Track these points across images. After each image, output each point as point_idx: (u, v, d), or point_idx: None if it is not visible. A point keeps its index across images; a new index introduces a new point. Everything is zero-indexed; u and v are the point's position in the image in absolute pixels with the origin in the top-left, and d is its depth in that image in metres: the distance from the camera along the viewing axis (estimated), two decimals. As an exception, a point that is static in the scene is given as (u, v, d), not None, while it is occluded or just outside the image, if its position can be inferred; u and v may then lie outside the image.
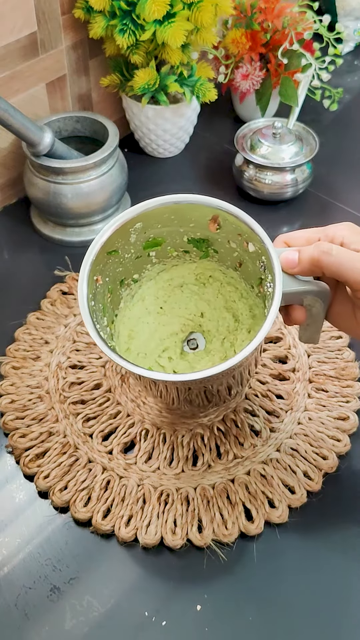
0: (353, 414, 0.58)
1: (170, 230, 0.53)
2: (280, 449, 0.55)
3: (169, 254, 0.56)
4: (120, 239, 0.50)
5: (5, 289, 0.70)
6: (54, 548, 0.50)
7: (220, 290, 0.57)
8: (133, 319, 0.56)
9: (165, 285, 0.57)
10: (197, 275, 0.57)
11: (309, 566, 0.49)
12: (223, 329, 0.56)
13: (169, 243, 0.54)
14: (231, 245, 0.52)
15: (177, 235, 0.54)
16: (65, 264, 0.72)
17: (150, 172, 0.86)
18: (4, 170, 0.77)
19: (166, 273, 0.57)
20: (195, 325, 0.58)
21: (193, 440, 0.56)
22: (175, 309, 0.58)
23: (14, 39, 0.70)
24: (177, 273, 0.57)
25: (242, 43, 0.82)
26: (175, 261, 0.56)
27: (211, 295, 0.57)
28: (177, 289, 0.57)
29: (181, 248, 0.55)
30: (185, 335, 0.58)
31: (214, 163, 0.88)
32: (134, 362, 0.54)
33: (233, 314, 0.56)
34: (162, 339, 0.57)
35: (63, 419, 0.57)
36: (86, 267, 0.47)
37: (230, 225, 0.50)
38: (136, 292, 0.56)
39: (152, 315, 0.57)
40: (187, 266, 0.57)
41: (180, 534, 0.50)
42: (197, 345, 0.57)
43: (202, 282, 0.57)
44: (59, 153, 0.70)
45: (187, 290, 0.57)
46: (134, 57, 0.74)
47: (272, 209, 0.80)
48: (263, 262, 0.48)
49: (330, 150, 0.88)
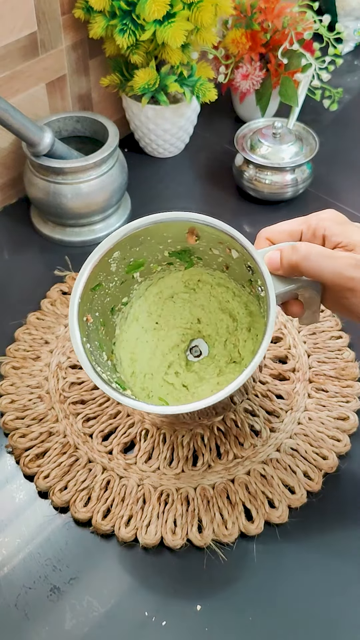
0: (353, 414, 0.58)
1: (150, 249, 0.52)
2: (280, 449, 0.55)
3: (153, 270, 0.55)
4: (101, 272, 0.49)
5: (5, 289, 0.70)
6: (54, 548, 0.50)
7: (212, 293, 0.56)
8: (131, 341, 0.55)
9: (156, 299, 0.56)
10: (185, 282, 0.56)
11: (309, 566, 0.49)
12: (223, 331, 0.56)
13: (151, 261, 0.54)
14: (214, 252, 0.52)
15: (158, 251, 0.53)
16: (65, 264, 0.72)
17: (150, 172, 0.86)
18: (4, 170, 0.77)
19: (154, 287, 0.56)
20: (194, 332, 0.58)
21: (193, 440, 0.56)
22: (171, 321, 0.57)
23: (14, 39, 0.70)
24: (165, 284, 0.56)
25: (242, 43, 0.82)
26: (161, 274, 0.56)
27: (204, 300, 0.56)
28: (169, 300, 0.57)
29: (164, 262, 0.54)
30: (187, 345, 0.57)
31: (214, 163, 0.88)
32: (142, 385, 0.54)
33: (229, 313, 0.56)
34: (164, 354, 0.57)
35: (63, 419, 0.57)
36: (74, 313, 0.46)
37: (209, 235, 0.50)
38: (128, 313, 0.55)
39: (149, 333, 0.56)
40: (173, 275, 0.56)
41: (180, 534, 0.50)
42: (200, 352, 0.57)
43: (192, 288, 0.56)
44: (59, 153, 0.70)
45: (179, 300, 0.57)
46: (134, 57, 0.74)
47: (272, 209, 0.80)
48: (249, 266, 0.48)
49: (330, 150, 0.88)
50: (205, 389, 0.55)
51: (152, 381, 0.55)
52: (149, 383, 0.55)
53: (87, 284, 0.48)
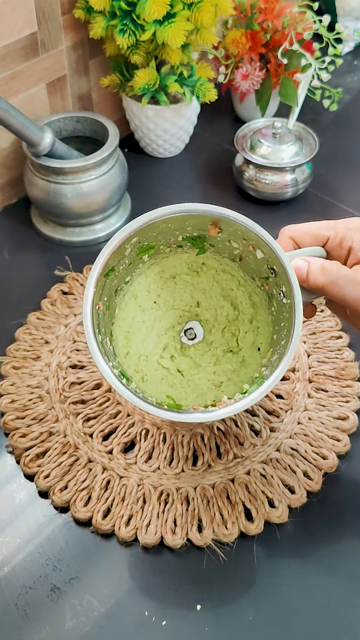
0: (353, 413, 0.58)
1: (166, 234, 0.51)
2: (280, 449, 0.55)
3: (162, 251, 0.54)
4: (116, 257, 0.49)
5: (6, 289, 0.70)
6: (54, 548, 0.50)
7: (216, 278, 0.55)
8: (127, 320, 0.54)
9: (157, 277, 0.55)
10: (189, 264, 0.55)
11: (309, 566, 0.49)
12: (222, 318, 0.55)
13: (162, 243, 0.52)
14: (232, 244, 0.51)
15: (172, 236, 0.52)
16: (65, 264, 0.72)
17: (150, 172, 0.86)
18: (5, 170, 0.77)
19: (156, 266, 0.55)
20: (192, 315, 0.56)
21: (193, 440, 0.56)
22: (170, 302, 0.56)
23: (14, 39, 0.70)
24: (167, 264, 0.55)
25: (242, 43, 0.82)
26: (166, 255, 0.54)
27: (206, 284, 0.55)
28: (170, 280, 0.55)
29: (175, 244, 0.53)
30: (182, 327, 0.56)
31: (214, 163, 0.88)
32: (136, 368, 0.53)
33: (231, 302, 0.55)
34: (159, 335, 0.55)
35: (63, 419, 0.57)
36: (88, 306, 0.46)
37: (234, 231, 0.49)
38: (127, 290, 0.54)
39: (146, 312, 0.55)
40: (178, 257, 0.55)
41: (180, 533, 0.50)
42: (195, 335, 0.56)
43: (195, 271, 0.55)
44: (59, 153, 0.70)
45: (181, 281, 0.55)
46: (134, 57, 0.74)
47: (272, 209, 0.80)
48: (273, 269, 0.47)
49: (330, 150, 0.88)
50: (202, 377, 0.54)
51: (146, 363, 0.54)
52: (143, 365, 0.54)
53: (102, 271, 0.47)
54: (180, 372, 0.54)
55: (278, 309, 0.49)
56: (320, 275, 0.43)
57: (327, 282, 0.43)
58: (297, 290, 0.44)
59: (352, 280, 0.43)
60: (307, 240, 0.46)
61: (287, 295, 0.46)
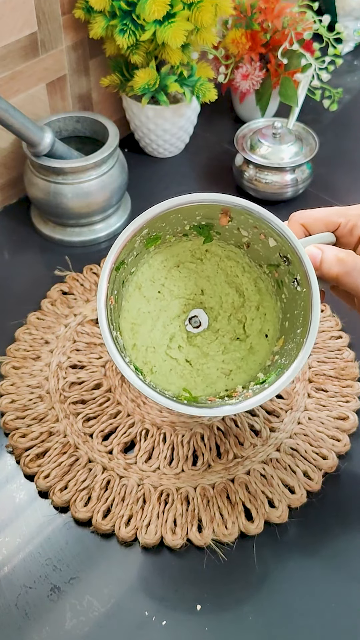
0: (353, 413, 0.58)
1: (174, 223, 0.51)
2: (280, 449, 0.55)
3: (167, 241, 0.53)
4: (127, 250, 0.48)
5: (6, 289, 0.70)
6: (54, 548, 0.50)
7: (220, 265, 0.54)
8: (133, 311, 0.53)
9: (160, 267, 0.54)
10: (192, 251, 0.54)
11: (309, 566, 0.49)
12: (227, 305, 0.54)
13: (168, 232, 0.52)
14: (241, 232, 0.50)
15: (180, 225, 0.51)
16: (65, 264, 0.72)
17: (150, 172, 0.86)
18: (5, 170, 0.77)
19: (160, 254, 0.54)
20: (197, 303, 0.55)
21: (193, 440, 0.56)
22: (175, 291, 0.55)
23: (14, 39, 0.70)
24: (171, 252, 0.54)
25: (242, 43, 0.82)
26: (170, 243, 0.54)
27: (210, 272, 0.54)
28: (174, 269, 0.55)
29: (181, 234, 0.53)
30: (187, 316, 0.55)
31: (214, 163, 0.88)
32: (144, 359, 0.53)
33: (236, 288, 0.54)
34: (165, 325, 0.54)
35: (63, 419, 0.57)
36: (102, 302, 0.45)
37: (244, 220, 0.48)
38: (132, 280, 0.53)
39: (151, 302, 0.54)
40: (181, 245, 0.54)
41: (180, 533, 0.50)
42: (199, 323, 0.55)
43: (199, 258, 0.54)
44: (59, 153, 0.70)
45: (184, 270, 0.55)
46: (134, 57, 0.74)
47: (272, 209, 0.79)
48: (286, 257, 0.47)
49: (330, 150, 0.88)
50: (211, 366, 0.53)
51: (154, 355, 0.53)
52: (151, 357, 0.53)
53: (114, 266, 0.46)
54: (188, 361, 0.53)
55: (290, 297, 0.48)
56: (334, 265, 0.43)
57: (342, 272, 0.43)
58: (314, 281, 0.44)
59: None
60: (318, 227, 0.46)
61: (301, 284, 0.45)
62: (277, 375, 0.45)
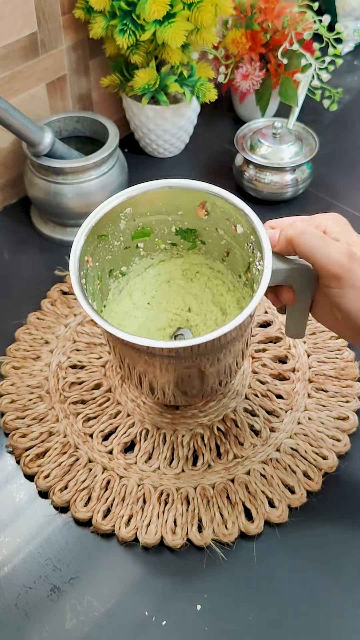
0: (353, 413, 0.58)
1: (159, 220, 0.54)
2: (280, 449, 0.55)
3: (157, 246, 0.56)
4: (110, 224, 0.51)
5: (6, 289, 0.70)
6: (54, 548, 0.50)
7: (207, 284, 0.57)
8: (121, 314, 0.56)
9: (152, 280, 0.57)
10: (184, 271, 0.57)
11: (309, 566, 0.49)
12: (211, 322, 0.57)
13: (157, 234, 0.55)
14: (219, 232, 0.53)
15: (165, 225, 0.54)
16: (65, 264, 0.72)
17: (150, 172, 0.86)
18: (4, 170, 0.77)
19: (153, 269, 0.57)
20: (183, 320, 0.58)
21: (193, 440, 0.56)
22: (163, 304, 0.57)
23: (14, 39, 0.70)
24: (164, 269, 0.57)
25: (242, 43, 0.82)
26: (163, 256, 0.57)
27: (198, 290, 0.57)
28: (165, 284, 0.57)
29: (169, 240, 0.56)
30: (173, 331, 0.58)
31: (214, 163, 0.88)
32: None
33: (220, 307, 0.56)
34: (150, 333, 0.57)
35: (63, 419, 0.57)
36: (80, 242, 0.48)
37: (218, 210, 0.51)
38: (124, 287, 0.56)
39: (139, 310, 0.57)
40: (174, 261, 0.57)
41: (180, 533, 0.50)
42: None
43: (190, 278, 0.57)
44: (59, 153, 0.70)
45: (175, 285, 0.57)
46: (134, 57, 0.74)
47: (272, 209, 0.80)
48: (252, 241, 0.49)
49: (330, 150, 0.88)
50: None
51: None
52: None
53: (95, 227, 0.49)
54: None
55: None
56: (289, 229, 0.45)
57: (296, 232, 0.44)
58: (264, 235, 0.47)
59: (319, 236, 0.44)
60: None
61: (261, 255, 0.47)
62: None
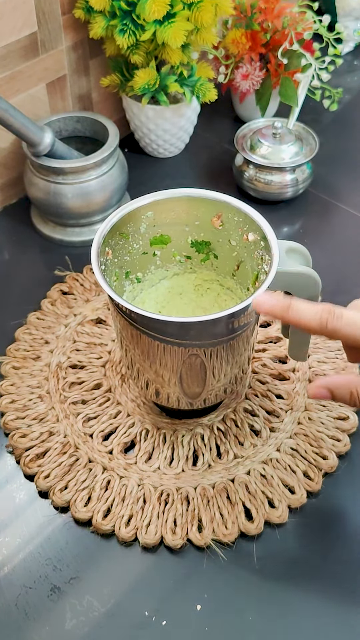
0: (353, 413, 0.58)
1: (177, 229, 0.56)
2: (280, 449, 0.55)
3: (173, 257, 0.58)
4: (131, 223, 0.54)
5: (5, 289, 0.70)
6: (54, 548, 0.50)
7: (217, 300, 0.58)
8: None
9: (165, 292, 0.59)
10: (196, 286, 0.59)
11: (309, 566, 0.49)
12: None
13: (174, 244, 0.57)
14: (231, 243, 0.55)
15: (182, 235, 0.56)
16: (65, 264, 0.72)
17: (150, 172, 0.86)
18: (4, 170, 0.77)
19: (167, 281, 0.59)
20: None
21: (193, 440, 0.56)
22: (173, 314, 0.58)
23: (14, 39, 0.70)
24: (177, 282, 0.59)
25: (242, 43, 0.82)
26: (177, 269, 0.59)
27: (208, 304, 0.58)
28: (177, 296, 0.59)
29: (184, 252, 0.58)
30: None
31: (214, 163, 0.88)
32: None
33: None
34: None
35: (63, 419, 0.57)
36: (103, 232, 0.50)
37: (232, 220, 0.53)
38: (138, 294, 0.58)
39: None
40: (187, 276, 0.59)
41: (180, 533, 0.50)
42: None
43: (200, 293, 0.59)
44: (59, 153, 0.70)
45: (186, 298, 0.59)
46: (134, 57, 0.74)
47: (272, 209, 0.80)
48: (262, 246, 0.50)
49: (330, 150, 0.88)
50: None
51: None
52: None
53: (118, 224, 0.52)
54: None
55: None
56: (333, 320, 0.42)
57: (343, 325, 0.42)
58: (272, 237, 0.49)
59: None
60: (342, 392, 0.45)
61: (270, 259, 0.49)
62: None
